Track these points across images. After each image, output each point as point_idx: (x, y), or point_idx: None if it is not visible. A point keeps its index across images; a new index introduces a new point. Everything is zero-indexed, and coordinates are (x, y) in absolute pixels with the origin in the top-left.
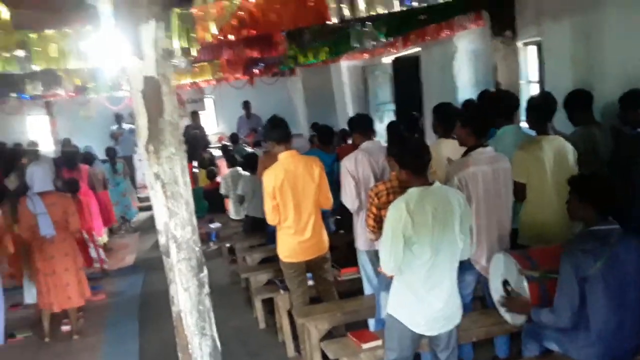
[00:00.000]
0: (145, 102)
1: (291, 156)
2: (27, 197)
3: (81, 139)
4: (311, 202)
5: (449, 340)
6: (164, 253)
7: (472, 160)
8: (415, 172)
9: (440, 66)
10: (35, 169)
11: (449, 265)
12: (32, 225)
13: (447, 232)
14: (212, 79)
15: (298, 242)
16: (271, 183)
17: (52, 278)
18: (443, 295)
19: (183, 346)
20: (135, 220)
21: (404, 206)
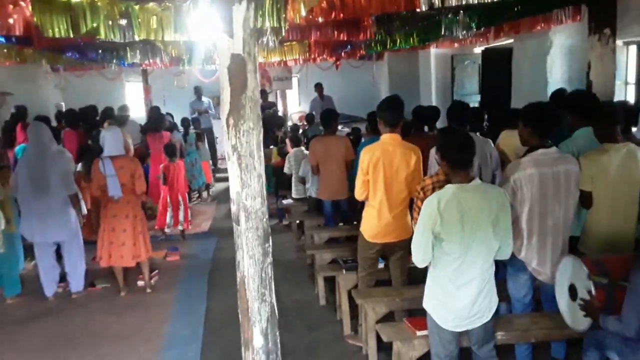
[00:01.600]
0: (230, 78)
1: (392, 139)
2: (100, 159)
3: (173, 107)
4: (402, 186)
5: (484, 335)
6: (235, 221)
7: (531, 161)
8: (455, 167)
9: (532, 60)
10: (105, 134)
11: (481, 264)
12: (102, 185)
13: (480, 231)
14: (300, 59)
15: (382, 223)
16: (367, 159)
17: (109, 235)
18: (472, 293)
19: (244, 309)
20: (213, 190)
21: (436, 203)
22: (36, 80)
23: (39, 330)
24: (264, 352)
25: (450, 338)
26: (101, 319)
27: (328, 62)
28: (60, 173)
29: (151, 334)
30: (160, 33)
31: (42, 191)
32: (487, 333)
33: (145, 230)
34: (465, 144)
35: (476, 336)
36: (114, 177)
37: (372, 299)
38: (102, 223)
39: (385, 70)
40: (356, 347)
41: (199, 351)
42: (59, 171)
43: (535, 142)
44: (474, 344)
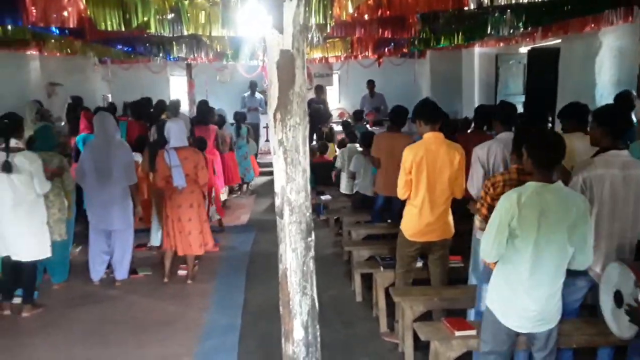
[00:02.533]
0: (279, 73)
1: (435, 137)
2: (165, 150)
3: (215, 101)
4: (445, 186)
5: (547, 341)
6: (278, 214)
7: (603, 162)
8: (541, 166)
9: (580, 61)
10: (172, 125)
11: (553, 268)
12: (167, 175)
13: (556, 235)
14: (341, 56)
15: (423, 222)
16: (410, 158)
17: (177, 224)
18: (541, 296)
19: (285, 302)
20: (253, 184)
21: (516, 197)
22: (85, 72)
23: (84, 315)
24: (304, 345)
25: (505, 338)
26: (143, 306)
27: (369, 60)
28: (123, 163)
29: (191, 322)
30: (208, 28)
31: (105, 180)
32: (551, 340)
33: (207, 219)
34: (556, 143)
35: (539, 341)
36: (178, 168)
37: (410, 297)
38: (169, 214)
39: (427, 68)
40: (392, 345)
41: (237, 341)
42: (122, 161)
43: (607, 143)
44: (537, 350)
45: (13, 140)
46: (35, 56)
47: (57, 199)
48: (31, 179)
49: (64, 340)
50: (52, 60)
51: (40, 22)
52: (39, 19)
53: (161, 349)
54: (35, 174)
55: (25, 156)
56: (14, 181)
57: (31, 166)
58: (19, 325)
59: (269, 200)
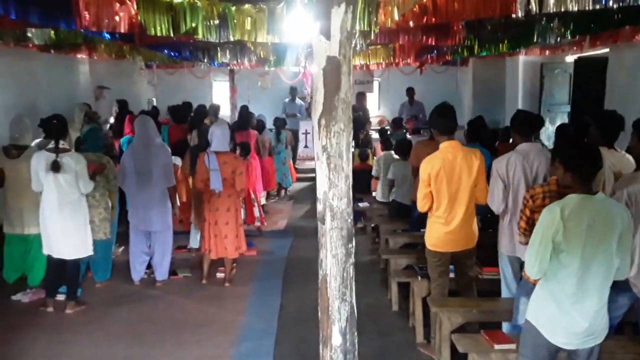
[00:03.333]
0: (325, 80)
1: (451, 146)
2: (206, 153)
3: (256, 107)
4: (466, 194)
5: (589, 357)
6: (320, 220)
7: None
8: (581, 178)
9: (630, 71)
10: (215, 129)
11: (601, 282)
12: (205, 178)
13: (603, 247)
14: (383, 63)
15: (446, 232)
16: (427, 170)
17: (213, 228)
18: (589, 311)
19: (324, 307)
20: (290, 189)
21: (559, 211)
22: (131, 76)
23: (125, 314)
24: (341, 351)
25: (545, 354)
26: (182, 306)
27: (411, 67)
28: (163, 166)
29: (227, 324)
30: (254, 34)
31: (145, 182)
32: (593, 356)
33: (242, 224)
34: (593, 155)
35: (582, 357)
36: (216, 172)
37: (448, 308)
38: (207, 216)
39: (470, 76)
40: (428, 357)
41: (273, 345)
42: (162, 164)
43: None
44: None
45: (60, 141)
46: (85, 60)
47: (103, 198)
48: (76, 179)
49: (105, 338)
50: (101, 64)
51: (93, 27)
52: (91, 23)
53: (198, 350)
54: (80, 174)
55: (72, 156)
56: (60, 180)
57: (77, 166)
58: (62, 322)
59: (306, 206)
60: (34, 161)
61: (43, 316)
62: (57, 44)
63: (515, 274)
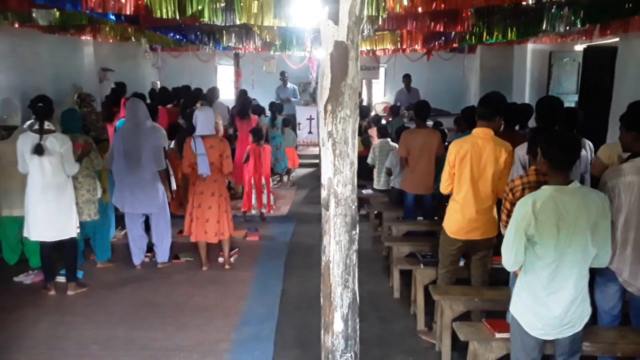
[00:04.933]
0: (332, 65)
1: (484, 133)
2: (192, 138)
3: (260, 91)
4: (489, 184)
5: (571, 345)
6: (324, 206)
7: (632, 168)
8: (556, 168)
9: (638, 61)
10: (198, 114)
11: (577, 271)
12: (193, 163)
13: (577, 237)
14: (390, 49)
15: (465, 219)
16: (454, 151)
17: (196, 210)
18: (564, 301)
19: (326, 294)
20: (293, 175)
21: (531, 204)
22: (135, 59)
23: (126, 296)
24: (343, 337)
25: (534, 345)
26: (183, 290)
27: (417, 53)
28: (152, 148)
29: (229, 309)
30: (260, 18)
31: (134, 165)
32: (574, 344)
33: (229, 210)
34: (572, 144)
35: (563, 346)
36: (203, 156)
37: (450, 296)
38: (190, 199)
39: (477, 64)
40: (429, 344)
41: (274, 330)
42: (151, 146)
43: (638, 147)
44: (560, 355)
45: (46, 123)
46: (89, 41)
47: (86, 180)
48: (61, 160)
49: (106, 320)
50: (105, 46)
51: (99, 8)
52: (97, 4)
53: (200, 334)
54: (65, 155)
55: (57, 137)
56: (45, 163)
57: (62, 148)
58: (63, 304)
59: (309, 193)
60: (20, 142)
61: (44, 298)
62: (61, 25)
63: None
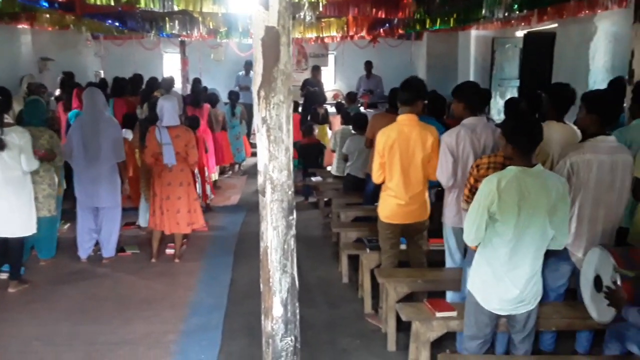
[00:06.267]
0: (264, 50)
1: (409, 119)
2: (156, 127)
3: (209, 80)
4: (418, 169)
5: (526, 322)
6: (261, 192)
7: (591, 147)
8: (520, 151)
9: (575, 46)
10: (164, 103)
11: (533, 250)
12: (156, 153)
13: (536, 218)
14: (337, 36)
15: (398, 204)
16: (382, 141)
17: (165, 202)
18: (521, 279)
19: (265, 279)
20: (244, 164)
21: (496, 182)
22: (77, 47)
23: (71, 291)
24: (282, 322)
25: (487, 321)
26: (130, 283)
27: (365, 40)
28: (112, 140)
29: (177, 300)
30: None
31: (93, 157)
32: (529, 321)
33: (197, 198)
34: (533, 128)
35: (519, 323)
36: (169, 146)
37: (394, 279)
38: (158, 191)
39: (424, 51)
40: (375, 327)
41: (222, 319)
42: (111, 138)
43: (596, 129)
44: (516, 331)
45: (5, 116)
46: (27, 30)
47: (47, 174)
48: (19, 154)
49: (49, 316)
50: (44, 34)
51: None
52: None
53: (147, 326)
54: (24, 150)
55: (16, 132)
56: (4, 157)
57: (20, 141)
58: (5, 301)
59: None
60: None
61: None
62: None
63: (458, 245)
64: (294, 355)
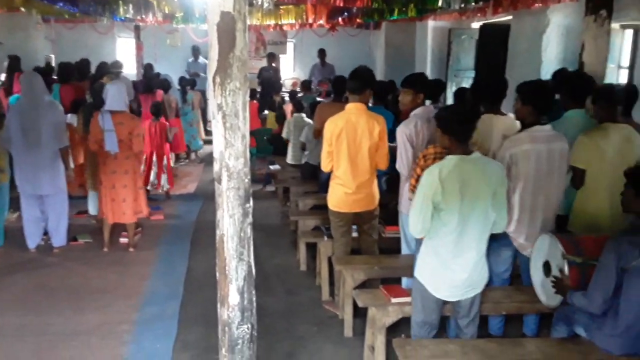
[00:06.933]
0: (219, 36)
1: (357, 108)
2: (100, 112)
3: (165, 66)
4: (366, 157)
5: (471, 307)
6: (217, 180)
7: (528, 137)
8: (457, 140)
9: (529, 38)
10: (109, 88)
11: (478, 235)
12: (99, 139)
13: (479, 203)
14: (296, 23)
15: (346, 193)
16: (330, 129)
17: (110, 191)
18: (468, 264)
19: (221, 268)
20: (201, 152)
21: (437, 173)
22: (27, 31)
23: (20, 282)
24: (239, 309)
25: (434, 307)
26: (82, 273)
27: (324, 29)
28: (53, 125)
29: (131, 290)
30: None
31: (33, 143)
32: (474, 306)
33: (143, 187)
34: (467, 117)
35: (464, 308)
36: (111, 133)
37: (351, 266)
38: (103, 180)
39: (382, 40)
40: (333, 313)
41: (178, 308)
42: (52, 123)
43: (532, 119)
44: (461, 317)
45: None
46: None
47: None
48: None
49: None
50: None
51: None
52: None
53: (99, 317)
54: None
55: None
56: None
57: None
58: None
59: None
60: None
61: None
62: None
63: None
64: (251, 343)
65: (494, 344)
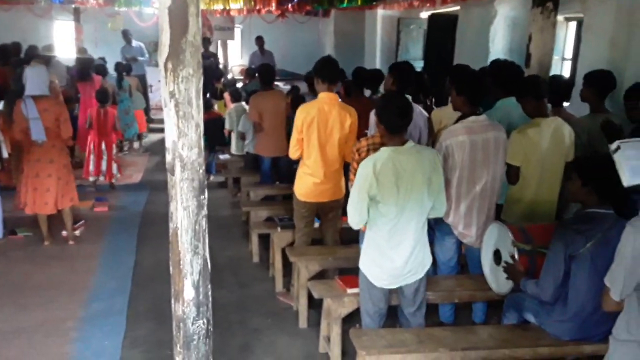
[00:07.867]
0: (171, 20)
1: (329, 98)
2: (22, 100)
3: (105, 50)
4: (335, 148)
5: (415, 296)
6: (169, 171)
7: (463, 128)
8: (391, 131)
9: (476, 29)
10: (28, 71)
11: (415, 223)
12: (24, 128)
13: (415, 192)
14: (244, 9)
15: (314, 183)
16: (301, 117)
17: (33, 181)
18: (406, 251)
19: (176, 262)
20: (146, 141)
21: (372, 166)
22: None
23: None
24: (194, 305)
25: (380, 296)
26: (22, 268)
27: (273, 15)
28: None
29: (75, 285)
30: None
31: None
32: (418, 295)
33: (72, 178)
34: (403, 109)
35: (408, 298)
36: (37, 120)
37: (305, 257)
38: (25, 168)
39: (331, 28)
40: (287, 305)
41: (126, 303)
42: None
43: (467, 109)
44: (406, 305)
45: None
46: None
47: None
48: None
49: None
50: None
51: None
52: None
53: (43, 313)
54: None
55: None
56: None
57: None
58: None
59: (163, 159)
60: None
61: None
62: None
63: None
64: (206, 338)
65: (448, 332)
